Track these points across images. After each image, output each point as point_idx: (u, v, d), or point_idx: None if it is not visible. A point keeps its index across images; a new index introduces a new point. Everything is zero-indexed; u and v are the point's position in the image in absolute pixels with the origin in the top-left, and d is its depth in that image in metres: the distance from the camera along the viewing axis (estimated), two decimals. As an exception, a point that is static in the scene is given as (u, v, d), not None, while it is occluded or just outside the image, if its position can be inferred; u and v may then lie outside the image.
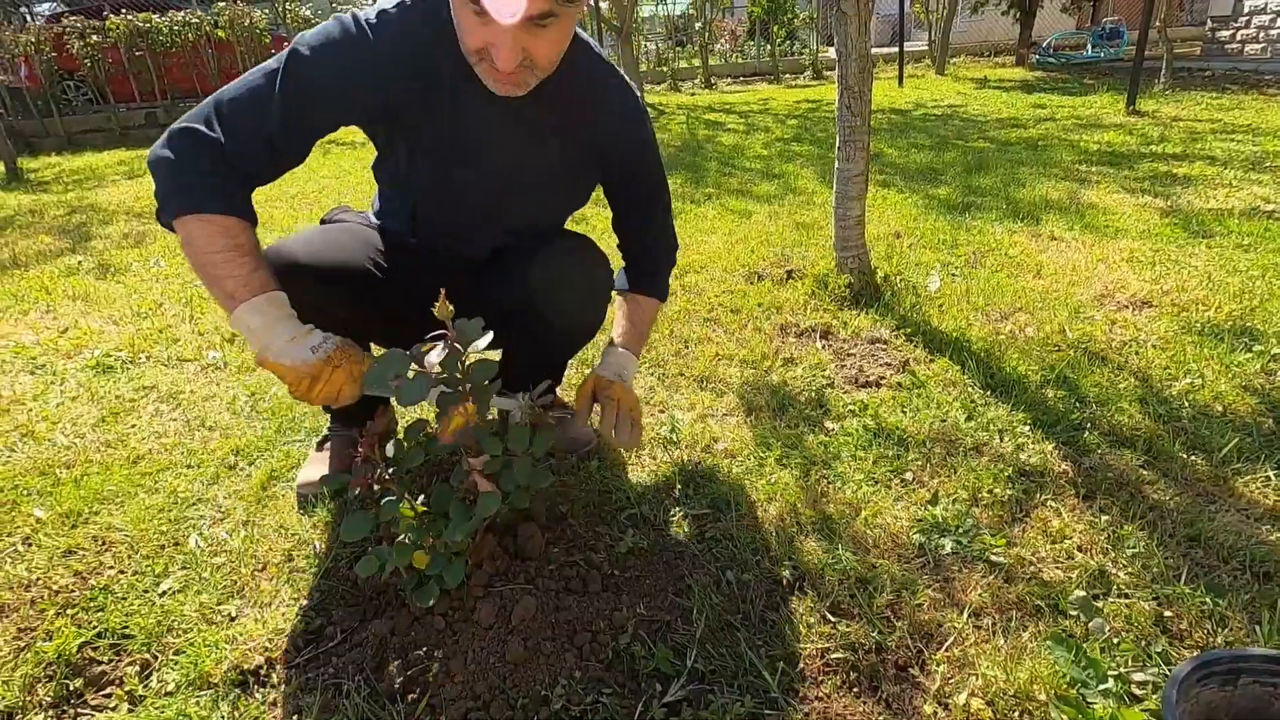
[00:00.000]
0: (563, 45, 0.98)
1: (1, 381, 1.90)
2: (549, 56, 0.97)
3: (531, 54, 0.94)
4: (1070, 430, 1.41)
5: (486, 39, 0.92)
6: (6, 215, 4.33)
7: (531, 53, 0.94)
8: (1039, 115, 5.58)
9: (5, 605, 1.10)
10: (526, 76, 0.98)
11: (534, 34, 0.92)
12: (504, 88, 0.99)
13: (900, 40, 8.95)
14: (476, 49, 0.95)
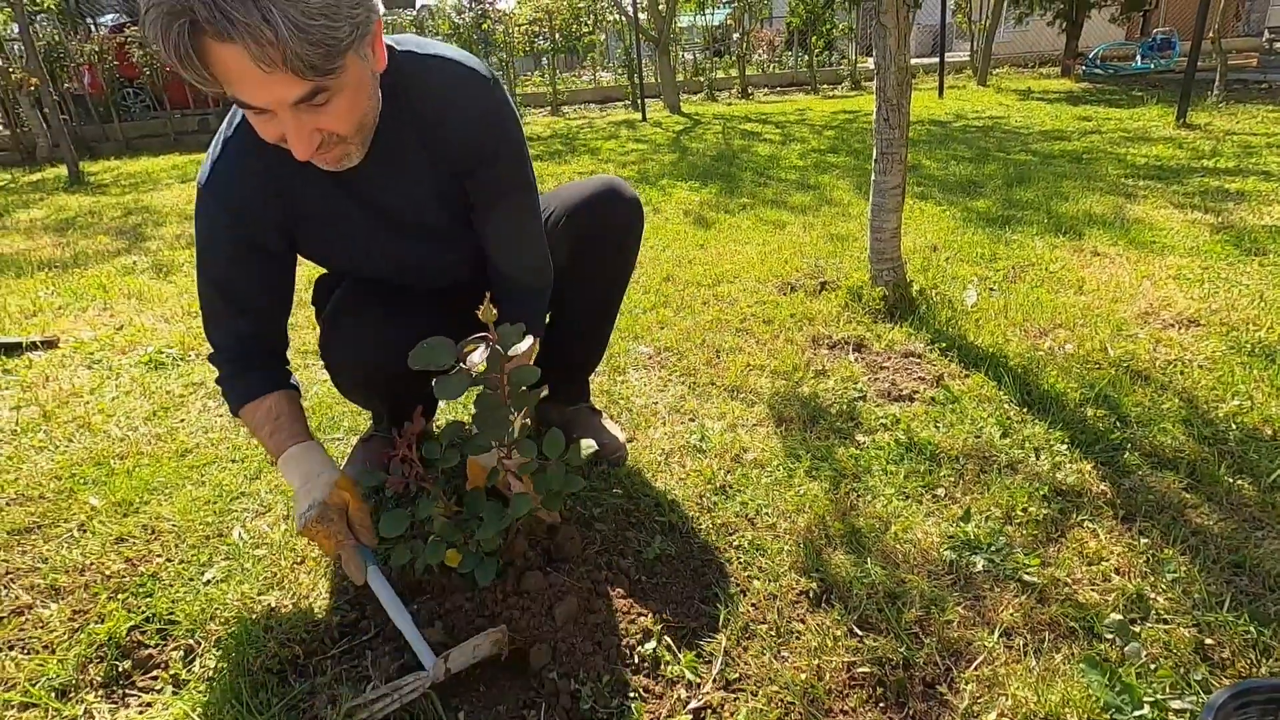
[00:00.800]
0: (358, 108, 0.88)
1: (62, 375, 2.00)
2: (348, 124, 0.87)
3: (328, 129, 0.86)
4: (1110, 450, 1.38)
5: (277, 131, 0.84)
6: (68, 216, 4.53)
7: (327, 128, 0.86)
8: (1084, 127, 5.46)
9: (62, 588, 1.15)
10: (345, 150, 0.91)
11: (316, 113, 0.83)
12: (330, 166, 0.92)
13: (941, 51, 8.85)
14: (274, 140, 0.86)
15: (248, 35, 0.70)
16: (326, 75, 0.78)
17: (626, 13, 8.98)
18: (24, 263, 3.31)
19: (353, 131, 0.89)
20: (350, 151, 0.92)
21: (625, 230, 1.31)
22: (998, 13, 9.61)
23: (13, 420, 1.74)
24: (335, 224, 1.08)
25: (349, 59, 0.80)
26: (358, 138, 0.91)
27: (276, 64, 0.73)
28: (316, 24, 0.73)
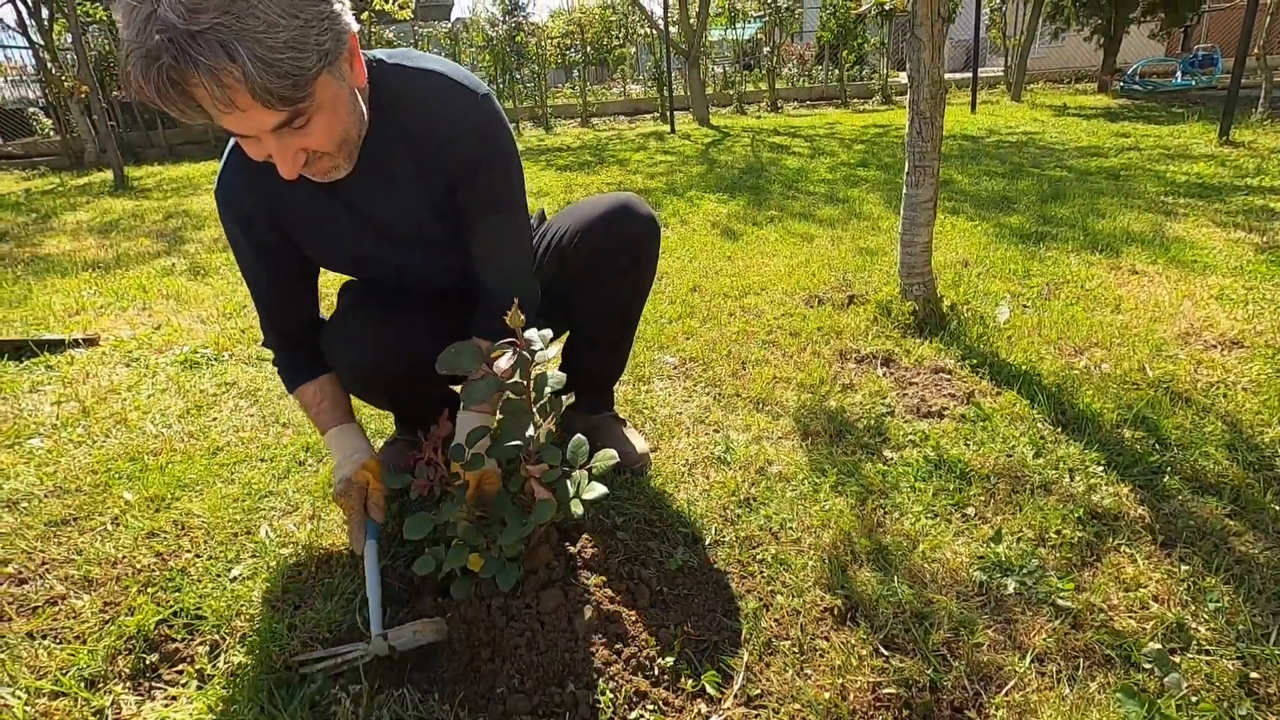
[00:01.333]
0: (338, 124, 0.90)
1: (101, 372, 2.05)
2: (330, 140, 0.90)
3: (312, 148, 0.88)
4: (1148, 473, 1.34)
5: (263, 153, 0.87)
6: (113, 219, 4.67)
7: (311, 147, 0.88)
8: (1122, 144, 5.36)
9: (94, 580, 1.17)
10: (332, 163, 0.94)
11: (298, 135, 0.85)
12: (319, 178, 0.96)
13: (974, 65, 8.77)
14: (263, 160, 0.89)
15: (211, 77, 0.73)
16: (298, 103, 0.80)
17: (657, 26, 9.05)
18: (69, 263, 3.42)
19: (336, 147, 0.92)
20: (338, 164, 0.95)
21: (640, 247, 1.30)
22: (1033, 28, 9.50)
23: (54, 415, 1.78)
24: (325, 230, 1.12)
25: (321, 82, 0.83)
26: (343, 151, 0.94)
27: (247, 99, 0.76)
28: (284, 57, 0.75)
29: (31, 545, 1.27)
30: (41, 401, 1.87)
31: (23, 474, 1.50)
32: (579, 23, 10.73)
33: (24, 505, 1.39)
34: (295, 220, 1.11)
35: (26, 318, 2.60)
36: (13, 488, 1.45)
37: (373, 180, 1.05)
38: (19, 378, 2.02)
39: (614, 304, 1.36)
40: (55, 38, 7.86)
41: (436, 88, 1.02)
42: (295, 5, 0.76)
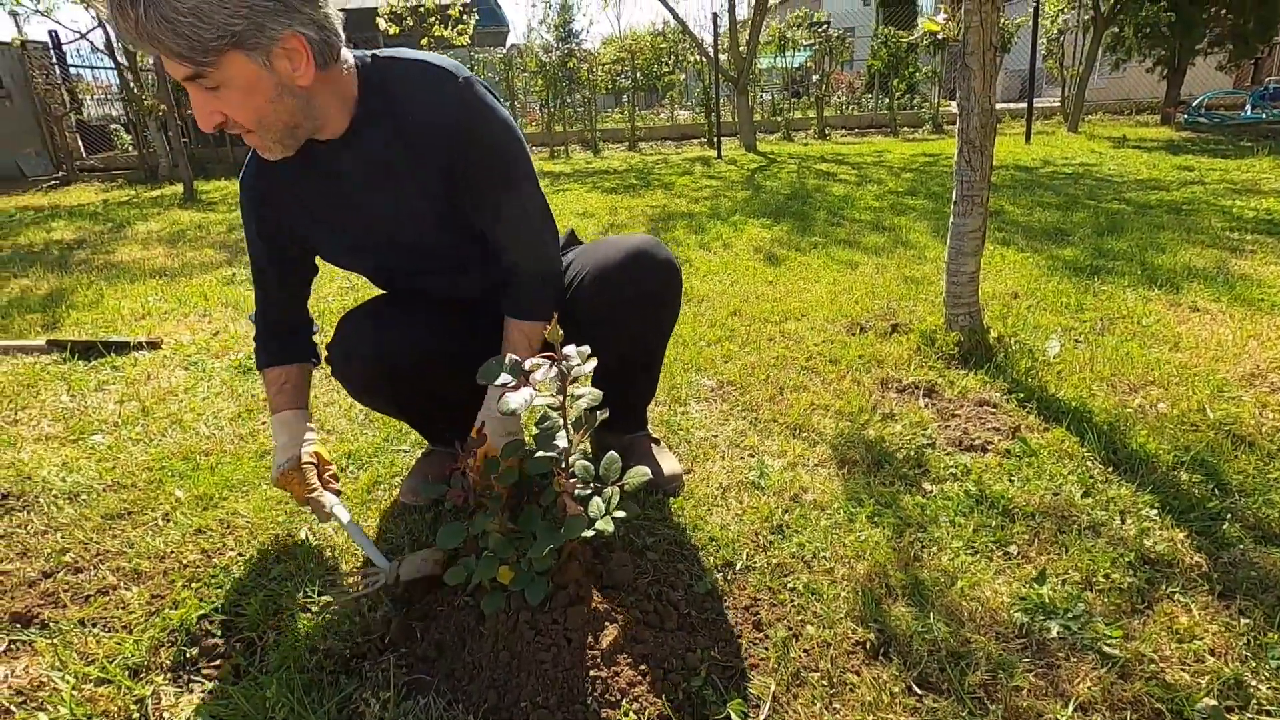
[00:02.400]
0: (253, 106, 0.95)
1: (162, 374, 2.15)
2: (245, 116, 0.96)
3: (230, 116, 0.96)
4: (1206, 519, 1.27)
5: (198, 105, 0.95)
6: (180, 230, 4.91)
7: (228, 115, 0.96)
8: (1185, 178, 5.18)
9: (143, 573, 1.22)
10: (264, 140, 1.00)
11: (212, 97, 0.94)
12: (264, 154, 1.03)
13: (1029, 95, 8.63)
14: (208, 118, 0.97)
15: (117, 13, 0.87)
16: (201, 65, 0.90)
17: (708, 54, 9.16)
18: (139, 270, 3.60)
19: (253, 125, 0.98)
20: (267, 145, 1.02)
21: (658, 295, 1.29)
22: (1092, 58, 9.30)
23: (116, 413, 1.87)
24: (327, 219, 1.18)
25: (232, 59, 0.91)
26: (268, 135, 1.00)
27: (144, 43, 0.88)
28: (184, 20, 0.86)
29: (88, 536, 1.32)
30: (106, 400, 1.97)
31: (84, 468, 1.58)
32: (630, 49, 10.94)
33: (84, 498, 1.46)
34: (300, 209, 1.18)
35: (97, 320, 2.74)
36: (75, 480, 1.52)
37: (370, 169, 1.11)
38: (87, 376, 2.13)
39: (635, 346, 1.36)
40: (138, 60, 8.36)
41: (418, 72, 1.08)
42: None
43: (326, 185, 1.14)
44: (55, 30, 9.99)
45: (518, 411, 0.92)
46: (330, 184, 1.14)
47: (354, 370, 1.26)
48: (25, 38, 9.17)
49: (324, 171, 1.13)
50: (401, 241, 1.19)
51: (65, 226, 5.29)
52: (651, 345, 1.41)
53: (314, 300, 2.89)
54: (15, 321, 2.74)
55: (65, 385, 2.07)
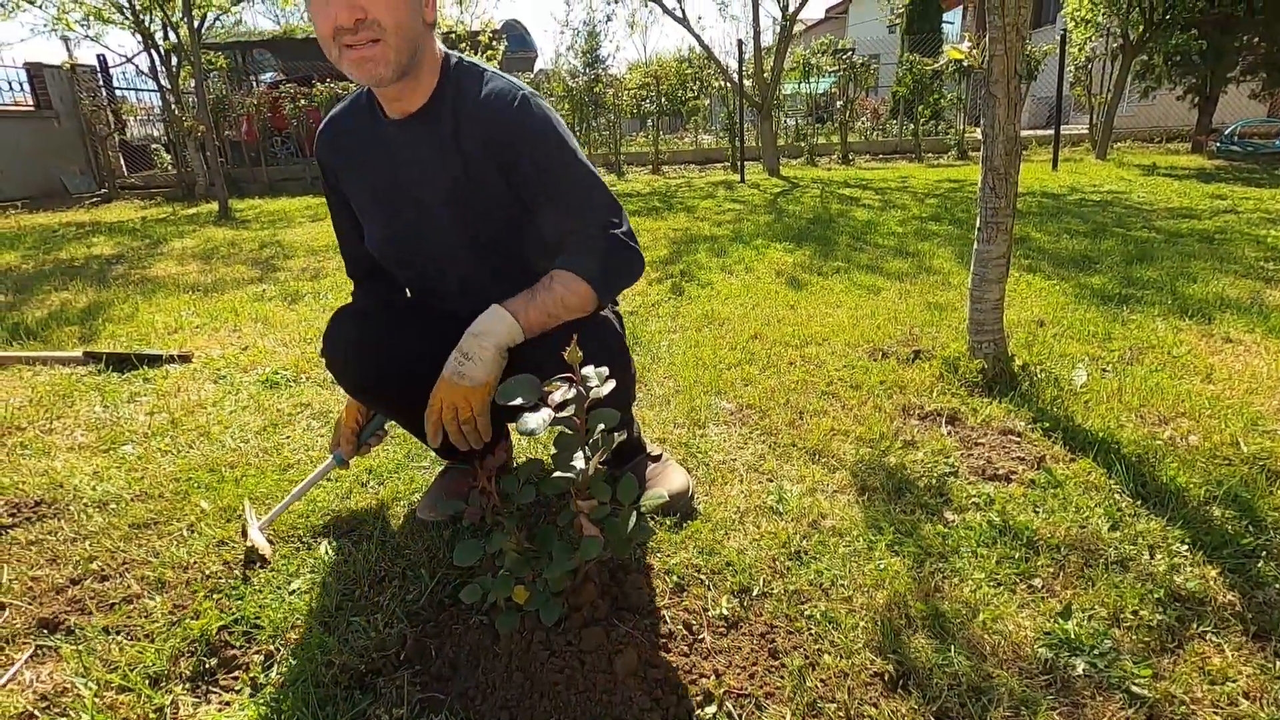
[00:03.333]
0: (406, 10, 1.05)
1: (192, 387, 2.19)
2: (393, 16, 1.03)
3: (371, 10, 1.01)
4: (1240, 556, 1.24)
5: (332, 11, 1.01)
6: (214, 247, 5.04)
7: (370, 9, 1.01)
8: (1217, 206, 5.10)
9: (167, 582, 1.24)
10: (383, 51, 1.04)
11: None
12: (365, 68, 1.05)
13: (1056, 123, 8.58)
14: (329, 33, 1.04)
15: None
16: None
17: (732, 80, 9.26)
18: (173, 285, 3.70)
19: (394, 27, 1.03)
20: (388, 57, 1.05)
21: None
22: (1120, 86, 9.23)
23: (147, 424, 1.92)
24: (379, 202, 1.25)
25: None
26: (397, 43, 1.05)
27: None
28: None
29: (116, 545, 1.35)
30: (137, 411, 2.02)
31: (114, 477, 1.61)
32: (655, 75, 11.09)
33: (113, 507, 1.49)
34: (361, 186, 1.26)
35: (131, 333, 2.82)
36: (105, 489, 1.56)
37: (423, 138, 1.18)
38: (120, 388, 2.18)
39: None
40: (180, 83, 8.67)
41: (489, 77, 1.19)
42: None
43: (387, 157, 1.22)
44: (103, 55, 10.38)
45: (536, 433, 0.93)
46: (389, 161, 1.21)
47: (337, 364, 1.25)
48: (75, 61, 9.56)
49: (388, 148, 1.21)
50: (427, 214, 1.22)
51: (105, 242, 5.46)
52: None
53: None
54: (54, 333, 2.82)
55: (99, 396, 2.12)
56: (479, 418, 1.11)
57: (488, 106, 1.16)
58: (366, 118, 1.24)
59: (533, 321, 1.12)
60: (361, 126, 1.25)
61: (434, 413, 1.12)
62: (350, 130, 1.26)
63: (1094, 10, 8.73)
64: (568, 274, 1.14)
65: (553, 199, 1.18)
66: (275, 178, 10.32)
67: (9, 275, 4.19)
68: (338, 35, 1.03)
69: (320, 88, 9.91)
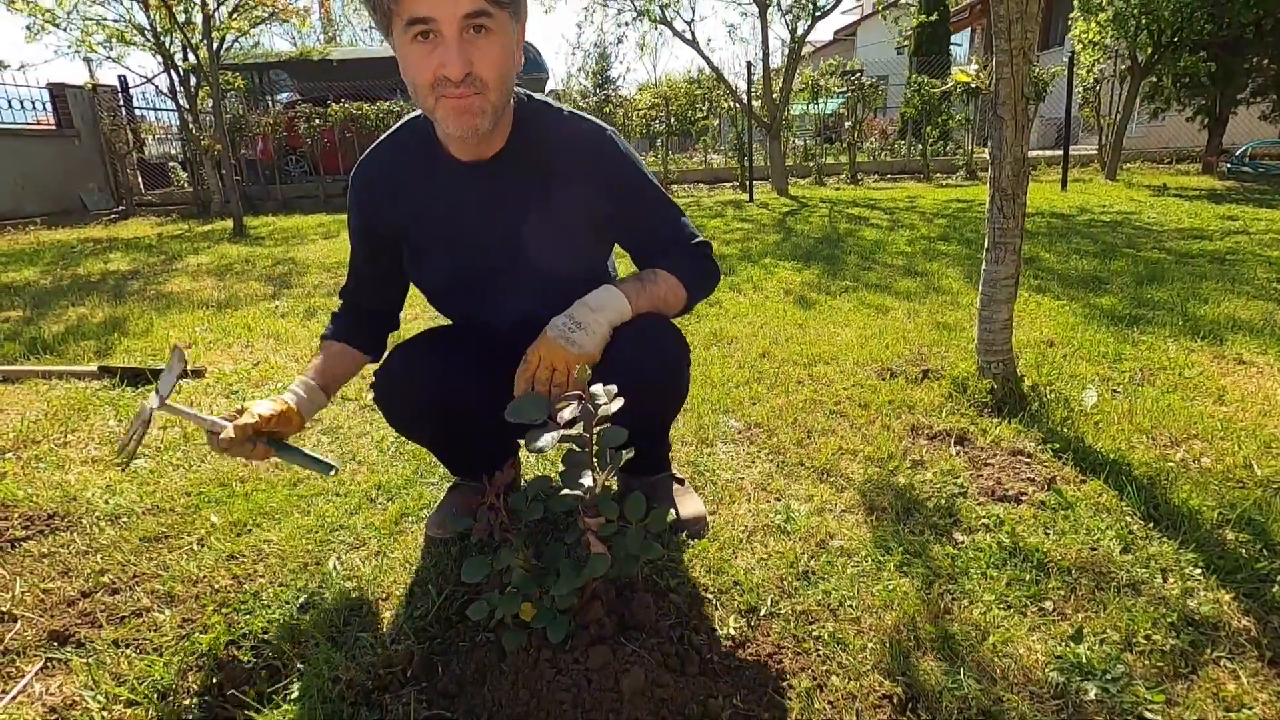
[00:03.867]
0: (504, 63, 1.05)
1: (204, 401, 2.22)
2: (496, 71, 1.04)
3: (476, 66, 1.02)
4: (1255, 581, 1.22)
5: (435, 62, 1.01)
6: (228, 263, 5.11)
7: (476, 65, 1.02)
8: (1228, 227, 5.08)
9: (176, 596, 1.25)
10: (482, 103, 1.05)
11: (475, 44, 1.01)
12: (462, 120, 1.05)
13: (1065, 143, 8.59)
14: (430, 82, 1.03)
15: None
16: (496, 3, 0.99)
17: (741, 100, 9.35)
18: (188, 301, 3.75)
19: (495, 82, 1.05)
20: (486, 109, 1.06)
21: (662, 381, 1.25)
22: (1129, 107, 9.25)
23: (159, 438, 1.94)
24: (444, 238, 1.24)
25: (507, 16, 1.03)
26: (495, 96, 1.06)
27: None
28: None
29: (126, 558, 1.36)
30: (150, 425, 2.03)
31: (126, 491, 1.63)
32: (665, 95, 11.21)
33: (124, 520, 1.50)
34: (416, 218, 1.23)
35: (146, 348, 2.85)
36: (117, 503, 1.57)
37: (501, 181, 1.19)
38: (134, 402, 2.21)
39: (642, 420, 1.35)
40: (199, 103, 8.84)
41: (568, 116, 1.23)
42: None
43: (461, 201, 1.21)
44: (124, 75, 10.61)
45: (545, 451, 0.93)
46: (457, 204, 1.21)
47: (398, 399, 1.29)
48: (96, 82, 9.77)
49: (456, 191, 1.20)
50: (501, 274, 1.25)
51: (121, 258, 5.55)
52: (658, 421, 1.40)
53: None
54: (71, 347, 2.86)
55: (113, 410, 2.15)
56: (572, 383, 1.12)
57: (578, 147, 1.20)
58: (422, 157, 1.21)
59: (640, 307, 1.19)
60: (418, 166, 1.21)
61: (530, 368, 1.13)
62: (404, 169, 1.22)
63: (1102, 33, 8.77)
64: (670, 275, 1.23)
65: (647, 221, 1.26)
66: (290, 195, 10.46)
67: (27, 290, 4.26)
68: (437, 86, 1.03)
69: (335, 108, 10.08)
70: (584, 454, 0.99)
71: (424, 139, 1.21)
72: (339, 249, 5.63)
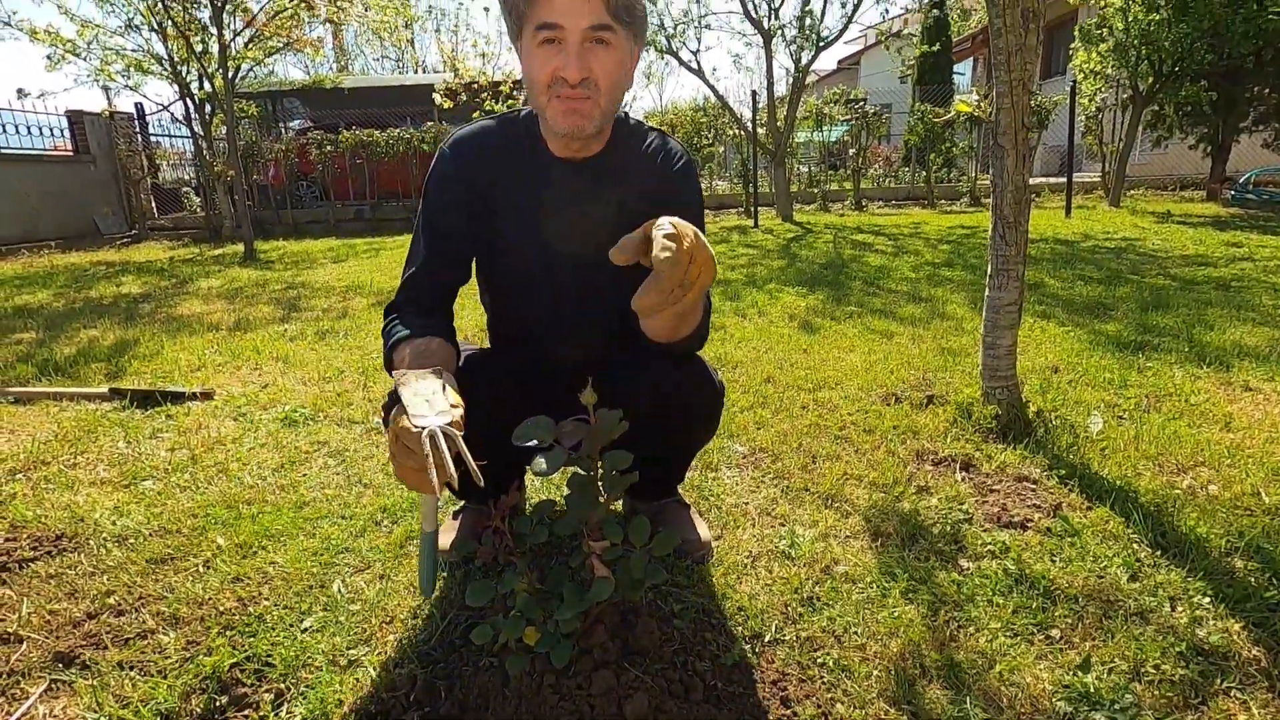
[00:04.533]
0: (618, 74, 1.12)
1: (212, 424, 2.23)
2: (609, 79, 1.10)
3: (594, 72, 1.08)
4: (1265, 610, 1.21)
5: (555, 64, 1.07)
6: (239, 286, 5.17)
7: (594, 70, 1.08)
8: (1233, 254, 5.09)
9: (181, 618, 1.25)
10: (592, 107, 1.11)
11: (595, 53, 1.08)
12: (571, 119, 1.11)
13: (1068, 171, 8.65)
14: (547, 82, 1.09)
15: None
16: (617, 21, 1.07)
17: (746, 128, 9.47)
18: (198, 324, 3.79)
19: (608, 90, 1.12)
20: (595, 114, 1.13)
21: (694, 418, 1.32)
22: (1131, 135, 9.33)
23: (167, 460, 1.95)
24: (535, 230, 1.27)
25: (628, 36, 1.11)
26: (606, 103, 1.13)
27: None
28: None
29: (133, 579, 1.37)
30: (158, 447, 2.05)
31: (134, 512, 1.64)
32: (671, 123, 11.37)
33: (131, 541, 1.51)
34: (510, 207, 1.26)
35: (156, 370, 2.88)
36: (124, 524, 1.58)
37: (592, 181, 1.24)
38: (143, 424, 2.23)
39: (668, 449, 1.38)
40: (213, 129, 9.01)
41: (657, 134, 1.31)
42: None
43: (554, 195, 1.25)
44: (141, 103, 10.84)
45: (550, 474, 0.94)
46: (558, 195, 1.25)
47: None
48: (114, 109, 9.98)
49: (554, 185, 1.24)
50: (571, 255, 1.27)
51: (133, 281, 5.62)
52: (685, 452, 1.45)
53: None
54: (82, 369, 2.89)
55: (123, 431, 2.17)
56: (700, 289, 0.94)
57: (657, 161, 1.26)
58: (526, 147, 1.25)
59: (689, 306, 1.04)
60: (520, 154, 1.25)
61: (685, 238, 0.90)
62: (505, 154, 1.25)
63: (1103, 63, 8.88)
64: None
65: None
66: (300, 220, 10.60)
67: (41, 312, 4.32)
68: (554, 85, 1.09)
69: (346, 134, 10.26)
70: (589, 477, 1.00)
71: (528, 129, 1.25)
72: (349, 273, 5.69)
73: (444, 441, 0.86)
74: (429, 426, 0.86)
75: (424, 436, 0.85)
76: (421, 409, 0.90)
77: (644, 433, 1.14)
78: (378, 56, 26.74)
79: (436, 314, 1.24)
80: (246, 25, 7.94)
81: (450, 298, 1.30)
